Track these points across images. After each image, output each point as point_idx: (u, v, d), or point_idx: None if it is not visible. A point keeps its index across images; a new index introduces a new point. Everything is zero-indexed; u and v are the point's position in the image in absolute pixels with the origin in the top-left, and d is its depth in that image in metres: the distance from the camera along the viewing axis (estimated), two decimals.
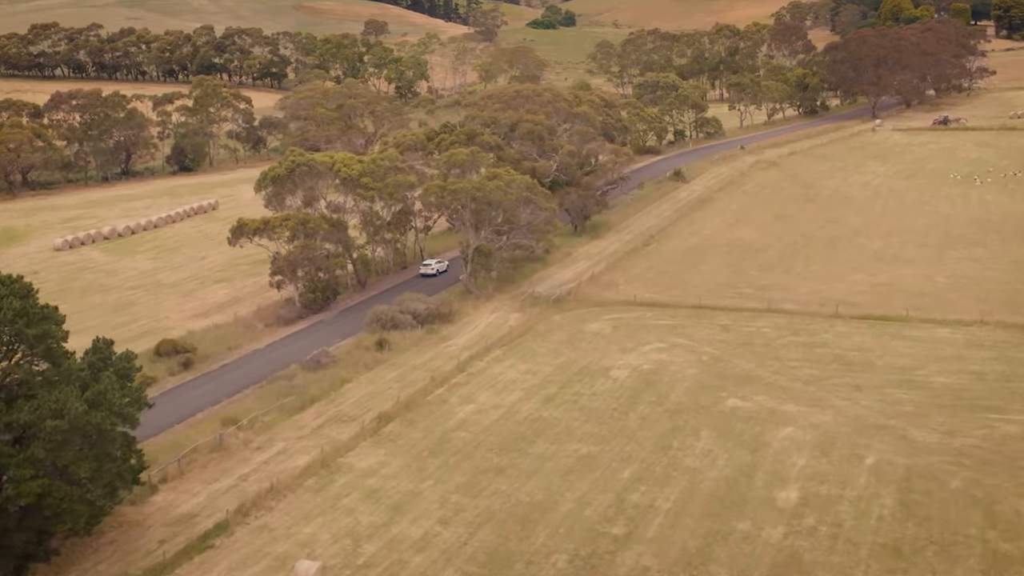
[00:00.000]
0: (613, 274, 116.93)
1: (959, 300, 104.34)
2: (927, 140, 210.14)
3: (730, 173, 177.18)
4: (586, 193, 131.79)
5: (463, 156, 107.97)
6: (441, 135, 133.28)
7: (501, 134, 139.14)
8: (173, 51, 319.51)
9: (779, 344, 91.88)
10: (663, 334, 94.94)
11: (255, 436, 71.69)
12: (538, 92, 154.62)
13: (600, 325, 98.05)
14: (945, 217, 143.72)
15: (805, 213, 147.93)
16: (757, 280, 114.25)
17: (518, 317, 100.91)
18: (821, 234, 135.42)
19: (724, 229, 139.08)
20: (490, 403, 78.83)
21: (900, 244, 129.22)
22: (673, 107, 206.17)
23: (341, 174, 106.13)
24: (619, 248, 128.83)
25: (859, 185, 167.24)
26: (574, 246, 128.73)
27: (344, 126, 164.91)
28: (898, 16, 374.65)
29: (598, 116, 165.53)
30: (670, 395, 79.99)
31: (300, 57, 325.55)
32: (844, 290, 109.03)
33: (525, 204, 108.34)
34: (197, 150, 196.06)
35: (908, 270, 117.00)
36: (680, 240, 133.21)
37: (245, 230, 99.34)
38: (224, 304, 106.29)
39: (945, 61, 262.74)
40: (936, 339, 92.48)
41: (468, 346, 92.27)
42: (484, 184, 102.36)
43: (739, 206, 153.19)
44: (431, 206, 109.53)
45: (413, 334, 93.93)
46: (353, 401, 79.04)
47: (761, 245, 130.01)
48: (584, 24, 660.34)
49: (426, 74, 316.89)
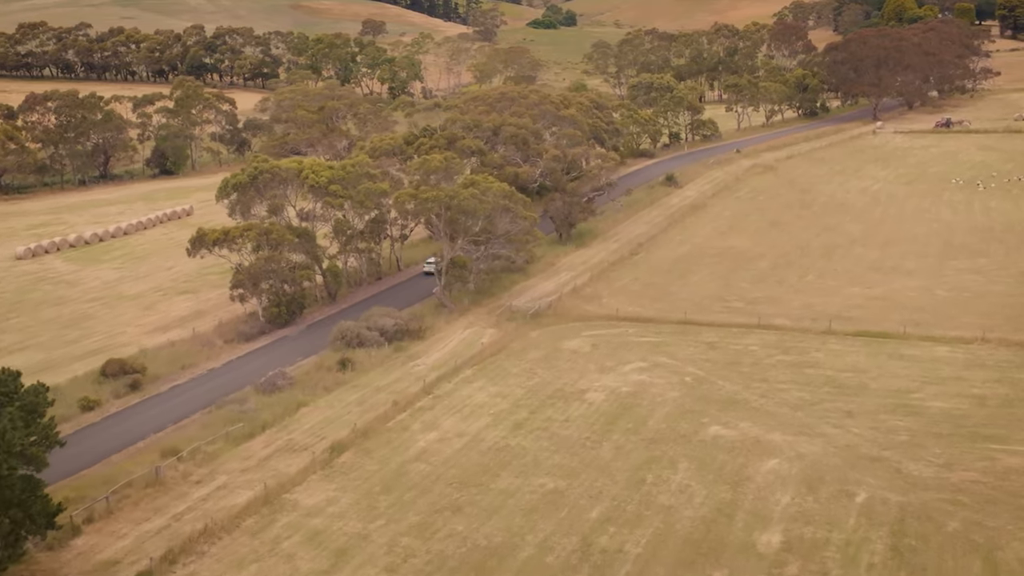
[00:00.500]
0: (597, 286, 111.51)
1: (960, 315, 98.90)
2: (929, 143, 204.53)
3: (725, 178, 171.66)
4: (571, 200, 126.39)
5: (436, 162, 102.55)
6: (420, 139, 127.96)
7: (484, 138, 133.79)
8: (163, 51, 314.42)
9: (767, 364, 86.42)
10: (645, 352, 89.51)
11: (196, 468, 66.33)
12: (524, 94, 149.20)
13: (579, 342, 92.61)
14: (946, 225, 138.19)
15: (801, 220, 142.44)
16: (748, 293, 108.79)
17: (493, 333, 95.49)
18: (816, 243, 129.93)
19: (716, 237, 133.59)
20: (454, 430, 73.43)
21: (899, 254, 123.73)
22: (668, 109, 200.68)
23: (309, 181, 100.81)
24: (605, 257, 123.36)
25: (858, 191, 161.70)
26: (558, 255, 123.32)
27: (326, 129, 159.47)
28: (901, 16, 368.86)
29: (587, 119, 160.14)
30: (648, 421, 74.55)
31: (292, 57, 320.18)
32: (839, 304, 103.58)
33: (503, 213, 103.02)
34: (178, 153, 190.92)
35: (907, 282, 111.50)
36: (669, 249, 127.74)
37: (205, 241, 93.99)
38: (186, 318, 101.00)
39: (948, 62, 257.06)
40: (935, 358, 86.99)
41: (437, 366, 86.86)
42: (458, 192, 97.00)
43: (732, 213, 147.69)
44: (406, 215, 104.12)
45: (380, 352, 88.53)
46: (307, 428, 73.64)
47: (754, 254, 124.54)
48: (585, 24, 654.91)
49: (420, 75, 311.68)
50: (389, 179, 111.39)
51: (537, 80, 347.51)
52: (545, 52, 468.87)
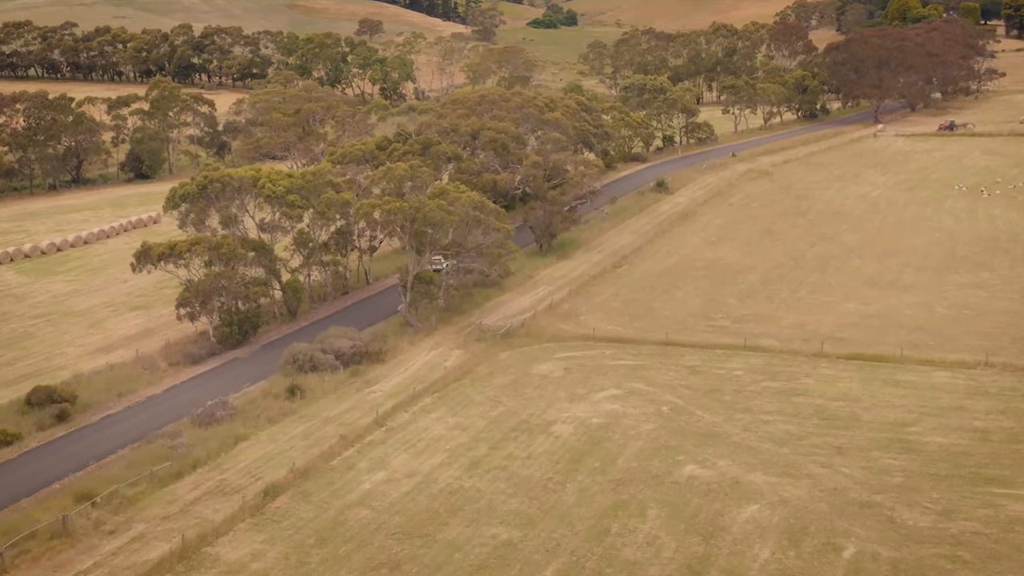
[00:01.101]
0: (575, 301, 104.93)
1: (961, 336, 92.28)
2: (931, 147, 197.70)
3: (718, 183, 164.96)
4: (552, 209, 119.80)
5: (401, 171, 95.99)
6: (394, 145, 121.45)
7: (462, 143, 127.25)
8: (150, 51, 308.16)
9: (752, 392, 79.79)
10: (621, 378, 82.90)
11: (111, 516, 59.81)
12: (506, 97, 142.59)
13: (550, 366, 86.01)
14: (948, 235, 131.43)
15: (795, 229, 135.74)
16: (735, 310, 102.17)
17: (459, 355, 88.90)
18: (811, 254, 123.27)
19: (705, 248, 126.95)
20: (405, 469, 66.89)
21: (897, 267, 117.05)
22: (661, 111, 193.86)
23: (265, 191, 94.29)
24: (587, 270, 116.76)
25: (856, 197, 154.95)
26: (537, 268, 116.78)
27: (302, 132, 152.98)
28: (905, 15, 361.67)
29: (574, 122, 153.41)
30: (618, 459, 67.96)
31: (282, 57, 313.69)
32: (832, 322, 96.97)
33: (474, 224, 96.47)
34: (154, 156, 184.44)
35: (905, 298, 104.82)
36: (655, 261, 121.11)
37: (150, 255, 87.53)
38: (133, 337, 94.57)
39: (952, 62, 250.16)
40: (934, 385, 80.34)
41: (395, 392, 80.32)
42: (424, 203, 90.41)
43: (724, 221, 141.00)
44: (375, 225, 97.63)
45: (334, 377, 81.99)
46: (243, 466, 67.14)
47: (743, 267, 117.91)
48: (586, 23, 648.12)
49: (411, 75, 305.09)
50: (357, 188, 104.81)
51: (532, 81, 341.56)
52: (544, 52, 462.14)
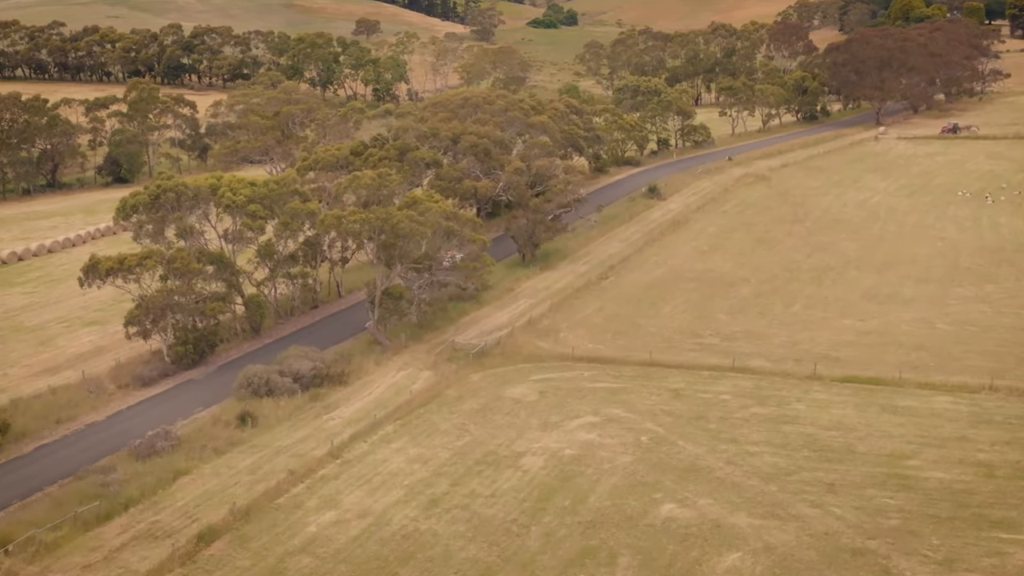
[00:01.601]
0: (556, 317, 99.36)
1: (964, 355, 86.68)
2: (934, 150, 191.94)
3: (712, 189, 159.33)
4: (535, 217, 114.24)
5: (367, 179, 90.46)
6: (369, 150, 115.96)
7: (443, 148, 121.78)
8: (139, 51, 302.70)
9: (739, 418, 74.21)
10: (599, 403, 77.36)
11: (25, 566, 54.37)
12: (490, 99, 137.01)
13: (524, 389, 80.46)
14: (951, 244, 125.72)
15: (791, 238, 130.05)
16: (725, 326, 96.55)
17: (428, 377, 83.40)
18: (806, 265, 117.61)
19: (696, 258, 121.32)
20: (357, 508, 61.38)
21: (897, 279, 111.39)
22: (656, 113, 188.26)
23: (224, 201, 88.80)
24: (571, 282, 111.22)
25: (855, 204, 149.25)
26: (519, 279, 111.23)
27: (281, 136, 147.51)
28: (908, 15, 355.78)
29: (563, 126, 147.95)
30: (589, 497, 62.42)
31: (273, 58, 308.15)
32: (827, 340, 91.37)
33: (447, 236, 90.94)
34: (132, 160, 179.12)
35: (905, 314, 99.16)
36: (643, 272, 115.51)
37: (98, 270, 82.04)
38: (84, 355, 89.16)
39: (955, 63, 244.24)
40: (934, 412, 74.76)
41: (354, 419, 74.81)
42: (391, 214, 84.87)
43: (717, 229, 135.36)
44: (346, 236, 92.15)
45: (291, 402, 76.54)
46: (180, 505, 61.63)
47: (735, 279, 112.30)
48: (587, 23, 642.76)
49: (405, 76, 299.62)
50: (327, 196, 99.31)
51: (528, 82, 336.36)
52: (543, 52, 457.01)
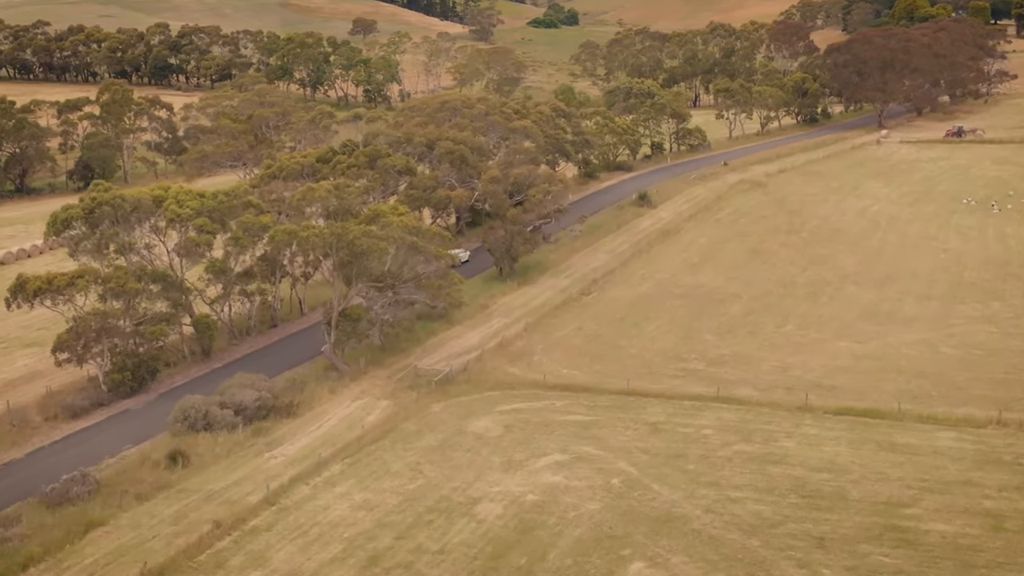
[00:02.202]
0: (531, 338, 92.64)
1: (970, 384, 79.91)
2: (938, 155, 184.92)
3: (706, 196, 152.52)
4: (513, 229, 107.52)
5: (323, 191, 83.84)
6: (338, 157, 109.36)
7: (417, 154, 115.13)
8: (125, 50, 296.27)
9: (722, 457, 67.46)
10: (569, 438, 70.66)
11: None
12: (469, 103, 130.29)
13: (489, 422, 73.77)
14: (955, 256, 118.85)
15: (787, 249, 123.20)
16: (712, 348, 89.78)
17: (386, 407, 76.76)
18: (802, 279, 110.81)
19: (685, 271, 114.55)
20: (286, 567, 54.69)
21: (898, 295, 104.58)
22: (649, 116, 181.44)
23: (168, 214, 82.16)
24: (550, 298, 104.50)
25: (855, 212, 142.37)
26: (494, 295, 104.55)
27: (254, 140, 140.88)
28: (912, 15, 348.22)
29: (549, 130, 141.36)
30: (549, 554, 55.70)
31: (263, 58, 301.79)
32: (821, 365, 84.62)
33: (411, 252, 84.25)
34: (105, 164, 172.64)
35: (905, 335, 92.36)
36: (628, 287, 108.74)
37: (25, 291, 75.40)
38: (17, 381, 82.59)
39: (960, 64, 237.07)
40: (936, 450, 67.97)
41: (299, 457, 68.16)
42: (347, 230, 78.20)
43: (709, 239, 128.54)
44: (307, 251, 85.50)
45: (231, 438, 69.92)
46: (88, 564, 54.96)
47: (726, 294, 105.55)
48: (588, 23, 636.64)
49: (396, 76, 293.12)
50: (286, 208, 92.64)
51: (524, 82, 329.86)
52: (543, 52, 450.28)
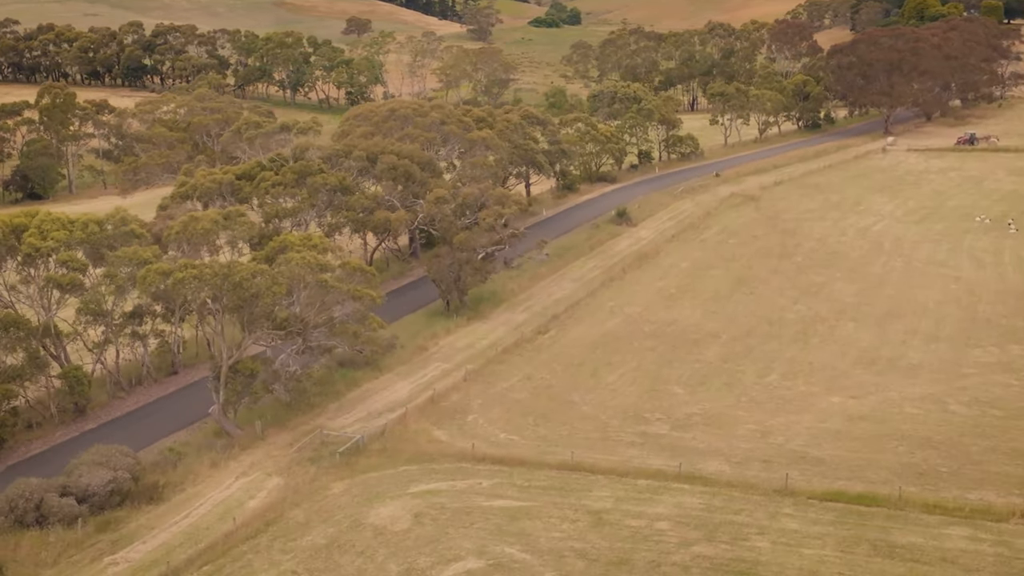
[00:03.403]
0: (470, 390, 79.03)
1: (986, 456, 66.19)
2: (948, 165, 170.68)
3: (693, 212, 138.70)
4: (462, 256, 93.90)
5: (205, 224, 70.28)
6: (263, 173, 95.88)
7: (356, 170, 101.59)
8: (96, 50, 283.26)
9: (677, 565, 53.76)
10: (490, 534, 57.04)
11: None
12: (423, 110, 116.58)
13: (397, 509, 60.16)
14: (967, 286, 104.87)
15: (777, 277, 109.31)
16: (680, 405, 76.06)
17: (276, 488, 63.23)
18: (792, 315, 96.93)
19: (660, 304, 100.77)
20: None
21: (901, 335, 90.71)
22: (635, 123, 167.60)
23: (25, 247, 68.74)
24: (501, 338, 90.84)
25: (856, 232, 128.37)
26: (436, 334, 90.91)
27: (194, 150, 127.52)
28: (923, 14, 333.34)
29: (518, 139, 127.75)
30: None
31: (241, 58, 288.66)
32: (807, 430, 70.86)
33: (320, 293, 70.77)
34: (46, 173, 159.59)
35: (910, 387, 78.54)
36: (593, 323, 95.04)
37: None
38: None
39: (972, 66, 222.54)
40: (946, 555, 54.24)
41: (146, 564, 54.65)
42: (234, 270, 64.67)
43: (691, 264, 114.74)
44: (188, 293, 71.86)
45: (68, 535, 56.51)
46: None
47: (703, 333, 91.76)
48: (591, 23, 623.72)
49: (380, 78, 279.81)
50: (173, 239, 78.96)
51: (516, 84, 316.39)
52: (542, 52, 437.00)
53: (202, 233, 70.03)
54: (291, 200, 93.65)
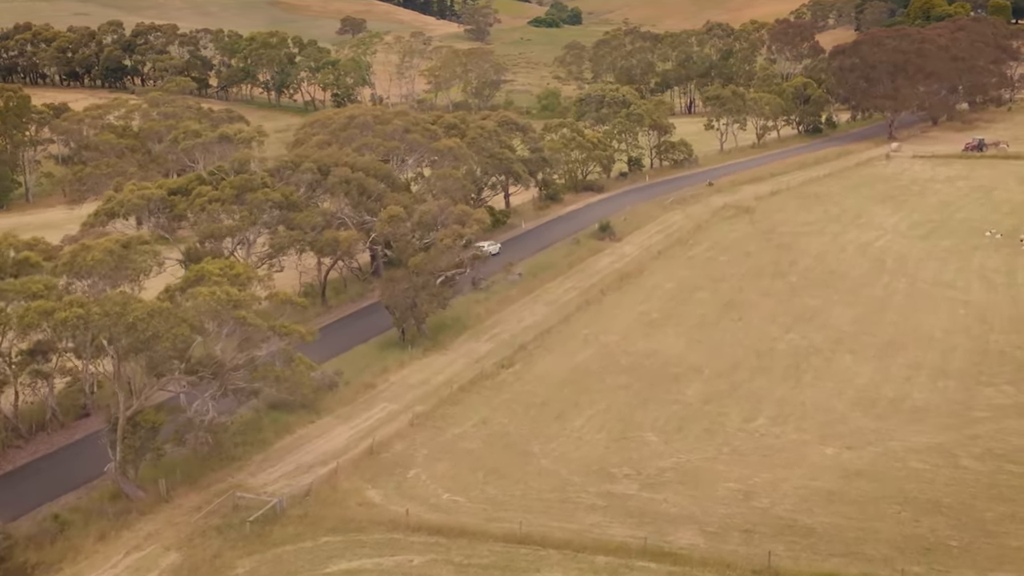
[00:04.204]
0: (416, 438, 69.82)
1: (1003, 525, 57.11)
2: (956, 173, 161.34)
3: (682, 225, 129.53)
4: (418, 281, 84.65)
5: (97, 256, 61.06)
6: (199, 188, 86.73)
7: (305, 184, 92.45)
8: (75, 50, 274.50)
9: None
10: None
11: None
12: (384, 118, 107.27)
13: None
14: (978, 312, 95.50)
15: (769, 301, 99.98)
16: (653, 457, 66.81)
17: (171, 565, 54.01)
18: (784, 346, 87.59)
19: (639, 332, 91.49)
20: None
21: (905, 370, 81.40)
22: (623, 128, 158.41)
23: None
24: (460, 372, 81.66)
25: (856, 248, 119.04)
26: (389, 368, 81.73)
27: (147, 159, 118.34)
28: (928, 14, 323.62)
29: (494, 148, 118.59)
30: None
31: (224, 59, 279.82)
32: (796, 490, 61.63)
33: (236, 330, 61.65)
34: None
35: (914, 435, 69.30)
36: (563, 355, 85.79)
37: None
38: None
39: (981, 67, 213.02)
40: None
41: None
42: (128, 308, 55.48)
43: (677, 285, 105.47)
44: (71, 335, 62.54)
45: None
46: None
47: (685, 367, 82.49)
48: (592, 23, 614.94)
49: (367, 79, 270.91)
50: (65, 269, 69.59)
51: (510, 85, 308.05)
52: (540, 53, 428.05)
53: (91, 265, 60.94)
54: (230, 218, 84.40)
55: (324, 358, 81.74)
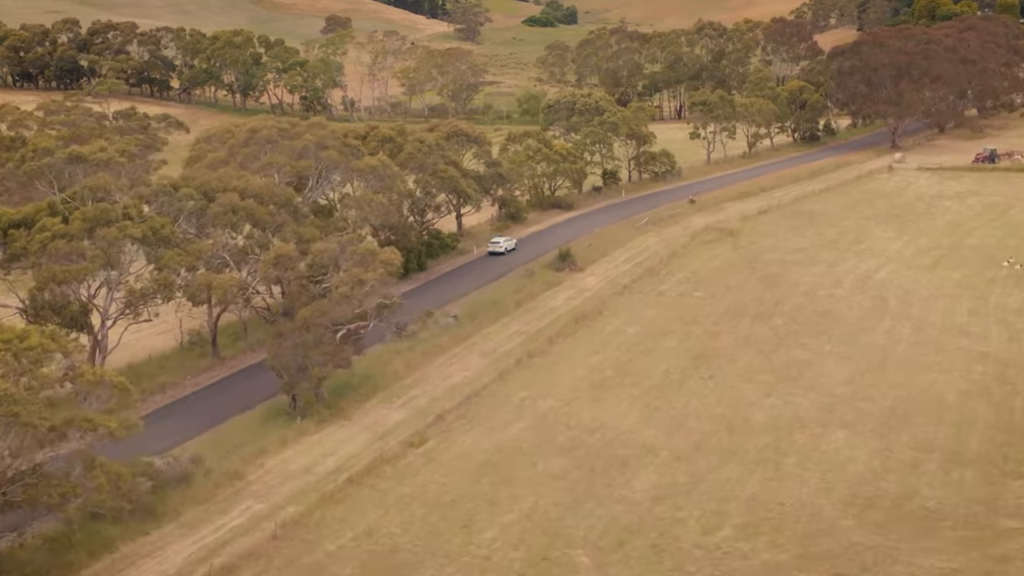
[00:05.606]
0: (274, 558, 53.59)
1: None
2: (966, 188, 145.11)
3: (655, 251, 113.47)
4: (308, 338, 68.45)
5: None
6: (44, 220, 70.61)
7: (185, 214, 76.30)
8: (27, 50, 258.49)
9: None
10: None
11: None
12: (295, 132, 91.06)
13: None
14: (998, 368, 79.13)
15: (748, 351, 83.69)
16: None
17: None
18: (761, 415, 71.28)
19: (586, 395, 75.23)
20: None
21: (911, 453, 65.10)
22: (597, 138, 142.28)
23: None
24: (355, 454, 65.53)
25: (854, 281, 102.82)
26: (267, 449, 65.56)
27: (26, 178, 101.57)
28: (934, 13, 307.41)
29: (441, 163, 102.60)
30: None
31: (187, 59, 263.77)
32: None
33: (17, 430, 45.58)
34: None
35: (922, 556, 53.05)
36: (489, 429, 69.56)
37: None
38: None
39: (991, 70, 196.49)
40: None
41: None
42: None
43: (640, 330, 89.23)
44: None
45: None
46: None
47: (636, 447, 66.24)
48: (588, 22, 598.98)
49: (338, 81, 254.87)
50: None
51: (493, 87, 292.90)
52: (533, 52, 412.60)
53: None
54: (80, 258, 68.33)
55: (189, 434, 66.16)
